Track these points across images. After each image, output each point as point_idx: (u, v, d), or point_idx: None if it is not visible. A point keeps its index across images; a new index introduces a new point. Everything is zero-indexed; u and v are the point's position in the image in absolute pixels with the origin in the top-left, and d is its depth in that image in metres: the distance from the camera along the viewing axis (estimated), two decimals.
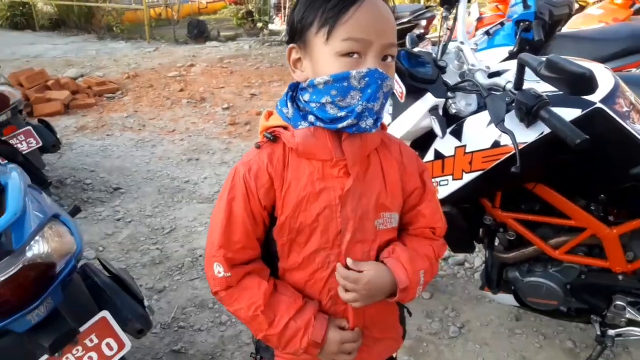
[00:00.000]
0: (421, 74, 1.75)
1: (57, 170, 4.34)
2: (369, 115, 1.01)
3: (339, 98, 1.00)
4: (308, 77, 1.05)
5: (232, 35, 10.96)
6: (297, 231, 1.11)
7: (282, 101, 1.13)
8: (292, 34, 1.07)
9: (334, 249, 1.12)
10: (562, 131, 1.44)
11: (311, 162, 1.09)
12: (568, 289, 2.02)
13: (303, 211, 1.09)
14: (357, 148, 1.08)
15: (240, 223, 1.10)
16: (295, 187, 1.09)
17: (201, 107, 6.11)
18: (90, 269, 1.88)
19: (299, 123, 1.08)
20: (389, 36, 1.00)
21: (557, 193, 1.83)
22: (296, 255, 1.14)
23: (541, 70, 1.38)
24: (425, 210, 1.22)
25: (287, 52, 1.08)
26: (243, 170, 1.10)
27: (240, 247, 1.11)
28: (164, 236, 3.39)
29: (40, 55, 9.22)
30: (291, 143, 1.08)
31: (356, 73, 0.97)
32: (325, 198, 1.09)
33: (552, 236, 1.97)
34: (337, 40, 0.97)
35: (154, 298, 2.78)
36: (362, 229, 1.13)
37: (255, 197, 1.09)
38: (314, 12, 1.00)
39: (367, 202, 1.12)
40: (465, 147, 1.75)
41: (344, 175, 1.09)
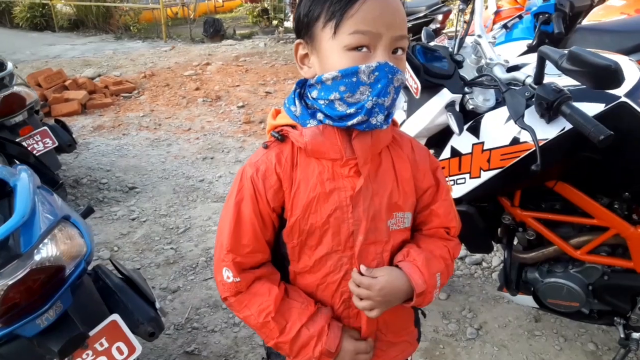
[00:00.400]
0: (437, 69, 1.69)
1: (74, 170, 4.36)
2: (379, 111, 0.97)
3: (348, 94, 0.96)
4: (316, 73, 1.01)
5: (247, 33, 10.96)
6: (308, 233, 1.08)
7: (290, 99, 1.09)
8: (299, 29, 1.03)
9: (347, 252, 1.09)
10: (585, 127, 1.38)
11: (320, 161, 1.06)
12: (590, 290, 1.95)
13: (313, 213, 1.06)
14: (367, 146, 1.04)
15: (249, 225, 1.07)
16: (305, 187, 1.06)
17: (216, 105, 6.10)
18: (102, 270, 1.86)
19: (307, 121, 1.04)
20: (399, 28, 0.96)
21: (579, 191, 1.76)
22: (307, 258, 1.11)
23: (563, 63, 1.32)
24: (439, 210, 1.19)
25: (294, 48, 1.05)
26: (251, 172, 1.07)
27: (250, 251, 1.08)
28: (179, 235, 3.37)
29: (59, 56, 9.32)
30: (299, 142, 1.04)
31: (365, 67, 0.93)
32: (336, 199, 1.06)
33: (574, 236, 1.90)
34: (344, 34, 0.94)
35: (168, 298, 2.76)
36: (375, 230, 1.09)
37: (264, 199, 1.06)
38: (320, 5, 0.96)
39: (379, 201, 1.08)
40: (484, 145, 1.69)
41: (354, 175, 1.06)
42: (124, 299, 1.75)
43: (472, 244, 2.07)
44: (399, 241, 1.14)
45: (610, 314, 2.01)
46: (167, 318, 2.62)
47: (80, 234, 1.59)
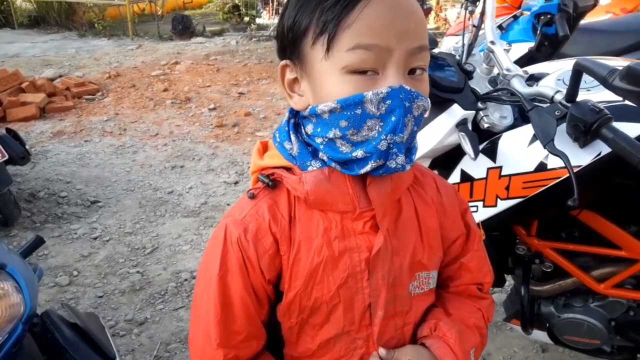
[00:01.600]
0: (446, 82, 1.44)
1: (30, 182, 4.00)
2: (398, 151, 0.72)
3: (352, 131, 0.71)
4: (309, 103, 0.76)
5: (218, 30, 10.59)
6: (311, 310, 0.82)
7: (283, 132, 0.82)
8: (283, 46, 0.77)
9: (361, 332, 0.84)
10: (632, 155, 1.15)
11: (326, 214, 0.80)
12: (612, 326, 1.74)
13: (318, 284, 0.81)
14: (386, 193, 0.80)
15: (240, 306, 0.80)
16: (307, 250, 0.80)
17: (186, 108, 5.77)
18: (51, 320, 1.56)
19: (307, 163, 0.79)
20: (417, 37, 0.71)
21: (607, 220, 1.54)
22: (309, 340, 0.85)
23: (615, 80, 1.08)
24: (471, 263, 0.96)
25: (279, 71, 0.79)
26: (237, 233, 0.80)
27: (244, 339, 0.82)
28: (146, 257, 3.07)
29: (18, 55, 8.81)
30: (298, 191, 0.79)
31: (373, 95, 0.69)
32: (348, 263, 0.81)
33: (594, 267, 1.69)
34: (341, 50, 0.69)
35: (134, 332, 2.47)
36: (395, 300, 0.85)
37: (257, 269, 0.80)
38: (309, 14, 0.71)
39: (400, 262, 0.84)
40: (501, 170, 1.45)
41: (370, 231, 0.81)
42: (77, 357, 1.46)
43: None
44: (422, 309, 0.91)
45: (632, 350, 1.82)
46: (134, 356, 2.33)
47: (17, 287, 1.29)
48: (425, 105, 0.74)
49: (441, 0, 9.74)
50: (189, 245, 3.17)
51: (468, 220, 0.98)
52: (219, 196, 3.81)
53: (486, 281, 1.00)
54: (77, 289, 2.78)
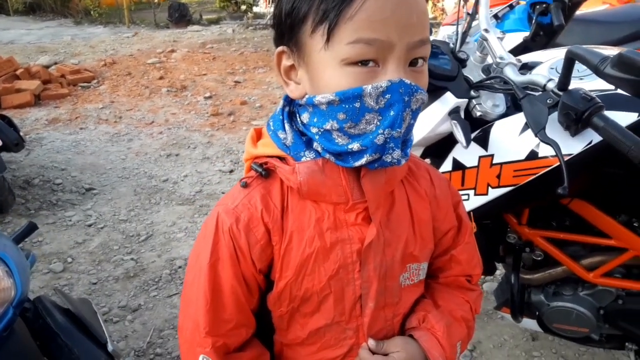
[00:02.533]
0: (439, 69, 1.44)
1: (25, 169, 3.98)
2: (395, 146, 0.71)
3: (349, 124, 0.70)
4: (306, 91, 0.74)
5: (214, 18, 10.55)
6: (302, 300, 0.82)
7: (277, 120, 0.81)
8: (281, 32, 0.75)
9: (351, 322, 0.84)
10: (622, 144, 1.15)
11: (319, 205, 0.80)
12: (601, 314, 1.75)
13: (309, 274, 0.80)
14: (380, 185, 0.79)
15: (230, 294, 0.80)
16: (299, 241, 0.80)
17: (182, 96, 5.75)
18: (43, 305, 1.56)
19: (301, 153, 0.78)
20: (419, 30, 0.69)
21: (597, 209, 1.55)
22: (299, 328, 0.85)
23: (607, 68, 1.08)
24: (461, 256, 0.96)
25: (275, 57, 0.77)
26: (229, 222, 0.79)
27: (233, 327, 0.82)
28: (140, 244, 3.07)
29: (13, 42, 8.76)
30: (291, 182, 0.78)
31: (372, 89, 0.68)
32: (339, 254, 0.80)
33: (584, 256, 1.70)
34: (341, 42, 0.67)
35: (128, 319, 2.47)
36: (385, 291, 0.85)
37: (248, 258, 0.80)
38: (308, 1, 0.68)
39: (392, 254, 0.84)
40: (493, 158, 1.45)
41: (363, 222, 0.81)
42: (69, 342, 1.47)
43: None
44: (411, 300, 0.91)
45: (620, 338, 1.83)
46: (127, 342, 2.34)
47: (8, 271, 1.29)
48: (424, 98, 0.72)
49: None
50: (183, 232, 3.18)
51: (460, 213, 0.97)
52: (214, 184, 3.81)
53: (475, 273, 1.00)
54: (71, 276, 2.79)
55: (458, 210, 0.97)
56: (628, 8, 4.07)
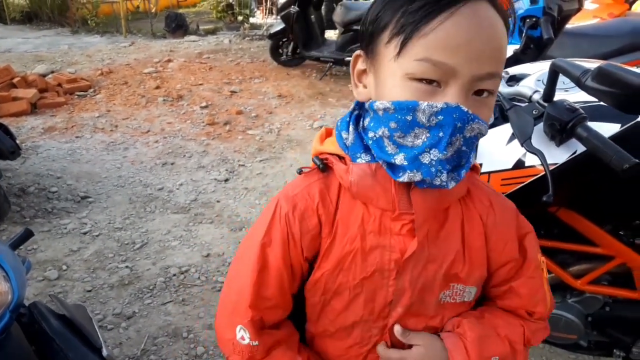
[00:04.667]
0: None
1: (20, 177, 3.99)
2: (442, 168, 0.72)
3: (399, 133, 0.73)
4: (370, 96, 0.79)
5: (211, 28, 10.59)
6: (335, 293, 0.86)
7: (344, 121, 0.86)
8: (362, 37, 0.79)
9: (379, 322, 0.87)
10: (605, 154, 1.19)
11: (368, 207, 0.83)
12: (589, 321, 1.79)
13: (345, 270, 0.84)
14: (431, 200, 0.81)
15: (275, 275, 0.85)
16: (342, 237, 0.83)
17: (178, 105, 5.78)
18: (38, 310, 1.58)
19: (358, 155, 0.82)
20: (490, 64, 0.70)
21: (584, 218, 1.58)
22: (328, 322, 0.89)
23: (587, 80, 1.12)
24: (522, 289, 0.93)
25: (352, 60, 0.81)
26: (286, 208, 0.84)
27: (272, 305, 0.87)
28: (135, 252, 3.08)
29: (10, 50, 8.75)
30: (344, 180, 0.82)
31: (427, 107, 0.69)
32: (378, 259, 0.83)
33: (572, 264, 1.74)
34: (410, 58, 0.70)
35: (122, 326, 2.48)
36: (421, 303, 0.86)
37: (298, 245, 0.84)
38: (392, 13, 0.72)
39: (434, 270, 0.85)
40: (481, 167, 1.49)
41: (407, 234, 0.82)
42: (64, 346, 1.48)
43: None
44: (450, 316, 0.91)
45: (608, 345, 1.86)
46: (121, 349, 2.35)
47: (5, 276, 1.31)
48: (482, 129, 0.73)
49: None
50: (178, 241, 3.19)
51: (526, 246, 0.93)
52: (209, 193, 3.84)
53: (538, 310, 0.95)
54: (66, 283, 2.80)
55: (524, 243, 0.93)
56: (618, 22, 4.14)
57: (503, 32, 0.72)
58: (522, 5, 2.58)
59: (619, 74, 1.06)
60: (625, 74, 1.06)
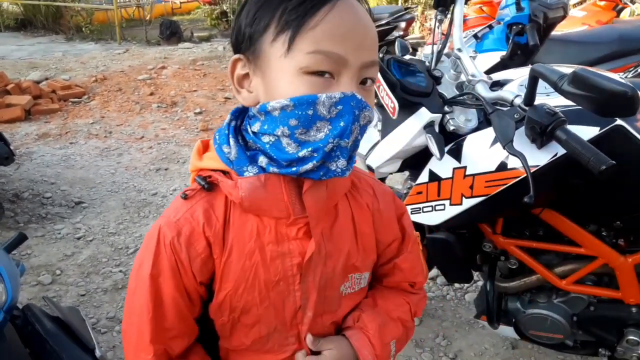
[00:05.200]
0: (415, 86, 1.52)
1: (14, 183, 4.01)
2: (340, 154, 0.75)
3: (301, 130, 0.73)
4: (259, 100, 0.78)
5: (206, 36, 10.64)
6: (242, 311, 0.85)
7: (222, 135, 0.83)
8: (239, 42, 0.79)
9: (293, 330, 0.88)
10: (583, 156, 1.23)
11: (261, 219, 0.82)
12: (575, 321, 1.82)
13: (249, 287, 0.83)
14: (322, 200, 0.82)
15: (171, 305, 0.83)
16: (239, 253, 0.82)
17: (172, 112, 5.81)
18: (32, 312, 1.61)
19: (244, 168, 0.80)
20: (371, 52, 0.75)
21: (567, 219, 1.62)
22: (242, 335, 0.88)
23: (563, 85, 1.16)
24: (404, 264, 0.99)
25: (230, 65, 0.81)
26: (170, 235, 0.81)
27: (175, 335, 0.84)
28: (128, 257, 3.10)
29: (4, 57, 8.76)
30: (233, 196, 0.80)
31: (326, 98, 0.71)
32: (280, 268, 0.83)
33: (557, 264, 1.77)
34: (301, 52, 0.72)
35: (116, 329, 2.50)
36: (324, 300, 0.88)
37: (189, 272, 0.82)
38: (271, 12, 0.74)
39: (333, 265, 0.87)
40: (466, 169, 1.53)
41: (304, 237, 0.83)
42: (57, 348, 1.51)
43: (451, 273, 1.91)
44: (351, 306, 0.95)
45: (594, 344, 1.89)
46: (115, 352, 2.37)
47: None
48: (371, 116, 0.76)
49: (426, 11, 9.89)
50: None
51: (404, 224, 1.00)
52: None
53: (418, 280, 1.03)
54: (60, 288, 2.82)
55: (402, 222, 0.99)
56: (606, 29, 4.21)
57: (373, 23, 0.77)
58: (509, 13, 2.63)
59: (593, 79, 1.10)
60: (599, 79, 1.10)
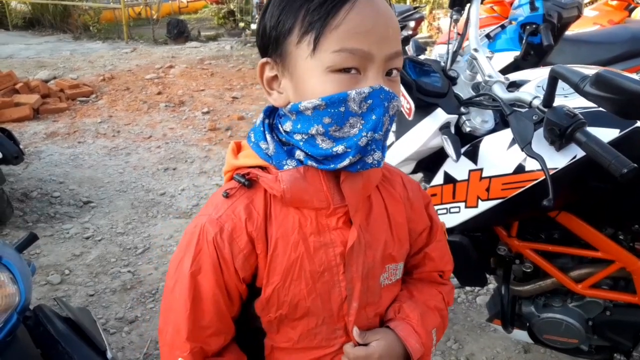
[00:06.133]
0: (430, 87, 1.50)
1: (23, 182, 4.01)
2: (376, 147, 0.77)
3: (334, 127, 0.75)
4: (289, 100, 0.80)
5: (213, 35, 10.64)
6: (290, 305, 0.86)
7: (258, 132, 0.86)
8: (265, 45, 0.81)
9: (340, 322, 0.89)
10: (604, 158, 1.21)
11: (302, 211, 0.84)
12: (590, 325, 1.80)
13: (296, 279, 0.84)
14: (359, 189, 0.84)
15: (210, 302, 0.83)
16: (284, 247, 0.83)
17: (180, 111, 5.80)
18: (44, 313, 1.60)
19: (283, 162, 0.82)
20: (394, 43, 0.76)
21: (584, 222, 1.60)
22: (290, 330, 0.89)
23: (586, 86, 1.14)
24: (434, 253, 1.02)
25: (258, 69, 0.83)
26: (213, 232, 0.82)
27: (212, 333, 0.85)
28: (137, 257, 3.10)
29: (12, 56, 8.80)
30: (275, 190, 0.82)
31: (356, 94, 0.73)
32: (324, 259, 0.85)
33: (573, 268, 1.74)
34: (327, 51, 0.73)
35: (125, 330, 2.50)
36: (368, 291, 0.90)
37: (231, 268, 0.83)
38: (294, 14, 0.75)
39: (372, 255, 0.89)
40: (482, 172, 1.51)
41: (344, 226, 0.85)
42: (69, 349, 1.50)
43: (465, 277, 1.89)
44: (390, 298, 0.97)
45: (609, 349, 1.87)
46: (124, 353, 2.36)
47: (12, 278, 1.33)
48: (399, 105, 0.79)
49: (434, 10, 9.85)
50: None
51: (431, 213, 1.03)
52: None
53: (447, 269, 1.06)
54: (69, 288, 2.81)
55: (429, 211, 1.02)
56: (618, 29, 4.17)
57: (394, 14, 0.78)
58: (523, 13, 2.61)
59: (617, 80, 1.08)
60: (623, 80, 1.08)
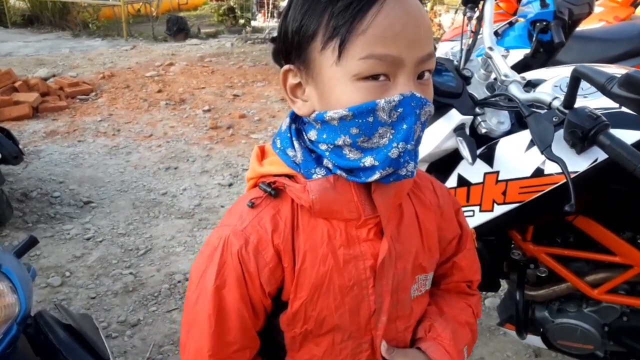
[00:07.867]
0: (444, 87, 1.45)
1: (22, 182, 3.96)
2: (409, 159, 0.71)
3: (363, 138, 0.70)
4: (314, 109, 0.74)
5: (213, 32, 10.57)
6: (316, 321, 0.81)
7: (285, 138, 0.80)
8: (287, 51, 0.75)
9: (367, 336, 0.84)
10: (629, 162, 1.16)
11: (330, 222, 0.79)
12: (606, 331, 1.76)
13: (324, 294, 0.79)
14: (390, 199, 0.79)
15: (235, 317, 0.79)
16: (313, 260, 0.78)
17: (180, 109, 5.75)
18: (44, 321, 1.55)
19: (312, 171, 0.77)
20: (426, 45, 0.70)
21: (602, 226, 1.55)
22: (313, 347, 0.84)
23: (613, 87, 1.09)
24: (463, 262, 0.98)
25: (282, 75, 0.77)
26: (238, 244, 0.77)
27: (237, 349, 0.81)
28: (139, 258, 3.05)
29: (11, 54, 8.73)
30: (303, 200, 0.76)
31: (385, 103, 0.68)
32: (353, 272, 0.80)
33: (588, 272, 1.70)
34: (353, 58, 0.67)
35: (127, 334, 2.45)
36: (398, 304, 0.85)
37: (256, 282, 0.78)
38: (317, 18, 0.69)
39: (403, 266, 0.84)
40: (498, 174, 1.45)
41: (374, 237, 0.80)
42: (70, 358, 1.45)
43: None
44: (421, 310, 0.92)
45: (625, 355, 1.83)
46: (126, 358, 2.32)
47: (12, 287, 1.28)
48: (432, 110, 0.73)
49: (435, 6, 9.78)
50: (182, 246, 3.16)
51: (461, 220, 0.99)
52: (213, 198, 3.80)
53: (475, 279, 1.02)
54: (70, 290, 2.76)
55: (459, 218, 0.99)
56: (624, 26, 4.12)
57: (425, 12, 0.72)
58: (532, 9, 2.54)
59: None
60: None
